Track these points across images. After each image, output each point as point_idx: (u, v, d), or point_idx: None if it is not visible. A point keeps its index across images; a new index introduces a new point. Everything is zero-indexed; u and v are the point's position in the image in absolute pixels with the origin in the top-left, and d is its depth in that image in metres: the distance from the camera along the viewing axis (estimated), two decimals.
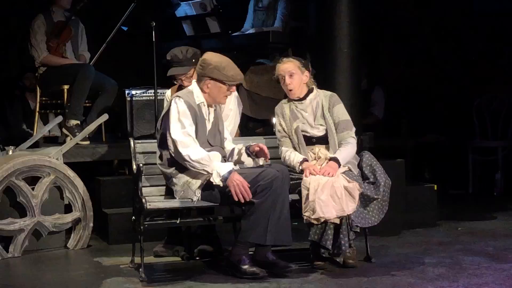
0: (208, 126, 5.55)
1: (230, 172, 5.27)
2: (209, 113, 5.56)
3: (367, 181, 5.62)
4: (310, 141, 5.72)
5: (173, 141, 5.35)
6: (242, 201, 5.26)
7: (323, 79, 6.91)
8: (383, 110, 9.75)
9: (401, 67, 10.53)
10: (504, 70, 9.64)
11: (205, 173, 5.33)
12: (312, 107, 5.76)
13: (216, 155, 5.39)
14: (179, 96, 5.45)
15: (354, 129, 5.79)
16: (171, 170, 5.47)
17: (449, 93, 10.06)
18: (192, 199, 5.43)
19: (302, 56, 6.15)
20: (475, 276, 5.27)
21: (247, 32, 8.12)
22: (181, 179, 5.45)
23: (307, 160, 5.63)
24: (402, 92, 10.29)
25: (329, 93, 5.85)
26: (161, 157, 5.54)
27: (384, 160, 6.36)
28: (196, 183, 5.41)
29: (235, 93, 6.02)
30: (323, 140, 5.71)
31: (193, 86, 5.56)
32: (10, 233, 6.23)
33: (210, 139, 5.53)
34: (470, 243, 6.36)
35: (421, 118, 10.15)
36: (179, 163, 5.41)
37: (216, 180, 5.29)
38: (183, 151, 5.31)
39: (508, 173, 9.29)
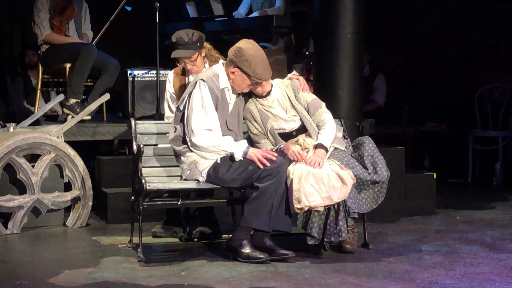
0: (229, 108, 5.55)
1: (248, 147, 5.38)
2: (231, 97, 5.56)
3: (366, 171, 5.60)
4: (291, 135, 5.64)
5: (192, 131, 5.36)
6: (268, 164, 5.28)
7: (326, 64, 6.93)
8: (384, 97, 9.75)
9: (403, 55, 10.52)
10: (507, 60, 9.63)
11: (224, 154, 5.37)
12: (278, 101, 5.65)
13: (229, 138, 5.42)
14: (204, 80, 5.42)
15: (323, 104, 5.70)
16: (181, 148, 5.47)
17: (451, 82, 10.06)
18: (198, 180, 5.44)
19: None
20: (472, 265, 5.29)
21: (250, 16, 8.10)
22: (189, 158, 5.45)
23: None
24: (404, 80, 10.28)
25: (287, 81, 5.75)
26: (174, 133, 5.53)
27: (384, 147, 6.37)
28: (204, 163, 5.41)
29: None
30: (303, 129, 5.63)
31: (219, 69, 5.51)
32: (9, 209, 6.25)
33: (229, 122, 5.53)
34: (468, 232, 6.37)
35: (422, 106, 10.16)
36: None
37: (238, 155, 5.35)
38: (199, 142, 5.35)
39: (507, 163, 9.30)
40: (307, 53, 8.22)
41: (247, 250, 5.30)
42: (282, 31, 7.93)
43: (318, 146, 5.49)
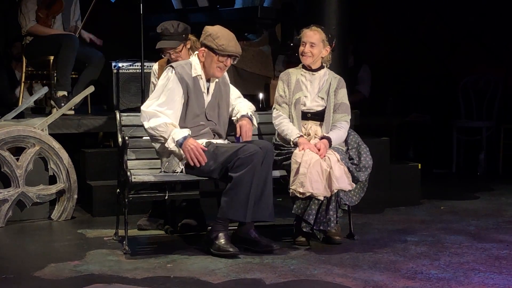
0: (207, 99, 5.55)
1: (185, 138, 5.29)
2: (208, 87, 5.55)
3: (351, 161, 5.64)
4: (305, 116, 5.72)
5: (141, 112, 5.41)
6: (198, 165, 5.26)
7: None
8: (369, 88, 9.77)
9: (388, 45, 10.54)
10: (491, 50, 9.66)
11: (163, 139, 5.35)
12: (320, 82, 5.75)
13: (173, 124, 5.37)
14: (173, 67, 5.45)
15: (350, 116, 5.80)
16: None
17: (435, 72, 10.09)
18: (175, 170, 5.44)
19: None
20: (456, 254, 5.32)
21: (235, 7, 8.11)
22: (167, 150, 5.46)
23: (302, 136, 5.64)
24: (389, 71, 10.30)
25: (338, 76, 5.85)
26: None
27: (369, 138, 6.39)
28: (180, 154, 5.42)
29: None
30: (317, 117, 5.71)
31: (193, 58, 5.55)
32: None
33: (209, 113, 5.53)
34: (452, 222, 6.41)
35: (407, 97, 10.19)
36: None
37: (171, 145, 5.31)
38: (144, 121, 5.38)
39: (491, 153, 9.35)
40: (291, 44, 8.21)
41: (220, 242, 5.26)
42: (267, 23, 7.93)
43: (325, 137, 5.57)
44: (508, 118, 9.37)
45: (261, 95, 7.94)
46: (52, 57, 7.42)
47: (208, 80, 5.54)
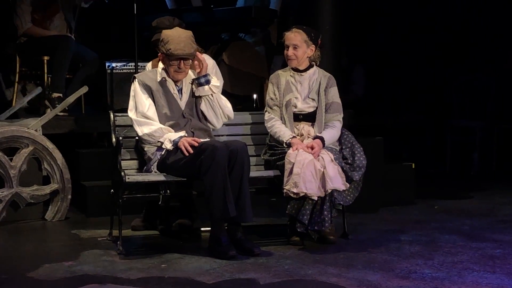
0: (184, 98, 5.58)
1: (181, 137, 5.39)
2: (182, 87, 5.59)
3: (345, 161, 5.65)
4: (297, 117, 5.72)
5: (132, 121, 5.51)
6: (191, 151, 5.28)
7: None
8: (363, 88, 9.77)
9: (382, 45, 10.54)
10: (484, 50, 9.68)
11: (160, 144, 5.42)
12: (310, 82, 5.76)
13: (168, 129, 5.47)
14: (135, 77, 5.60)
15: (342, 114, 5.80)
16: (141, 144, 5.58)
17: (429, 72, 10.09)
18: (150, 171, 5.50)
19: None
20: (450, 254, 5.33)
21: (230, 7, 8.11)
22: (146, 153, 5.55)
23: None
24: (382, 71, 10.30)
25: (328, 74, 5.85)
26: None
27: (363, 138, 6.40)
28: (154, 157, 5.49)
29: (216, 67, 6.02)
30: (310, 118, 5.72)
31: (160, 63, 5.63)
32: None
33: (187, 111, 5.56)
34: (446, 222, 6.42)
35: (400, 96, 10.19)
36: None
37: (168, 146, 5.39)
38: (138, 129, 5.47)
39: (485, 153, 9.36)
40: None
41: (220, 246, 5.25)
42: (261, 23, 7.92)
43: (318, 137, 5.58)
44: (501, 117, 9.39)
45: (255, 96, 7.94)
46: (46, 58, 7.41)
47: (176, 81, 5.59)
